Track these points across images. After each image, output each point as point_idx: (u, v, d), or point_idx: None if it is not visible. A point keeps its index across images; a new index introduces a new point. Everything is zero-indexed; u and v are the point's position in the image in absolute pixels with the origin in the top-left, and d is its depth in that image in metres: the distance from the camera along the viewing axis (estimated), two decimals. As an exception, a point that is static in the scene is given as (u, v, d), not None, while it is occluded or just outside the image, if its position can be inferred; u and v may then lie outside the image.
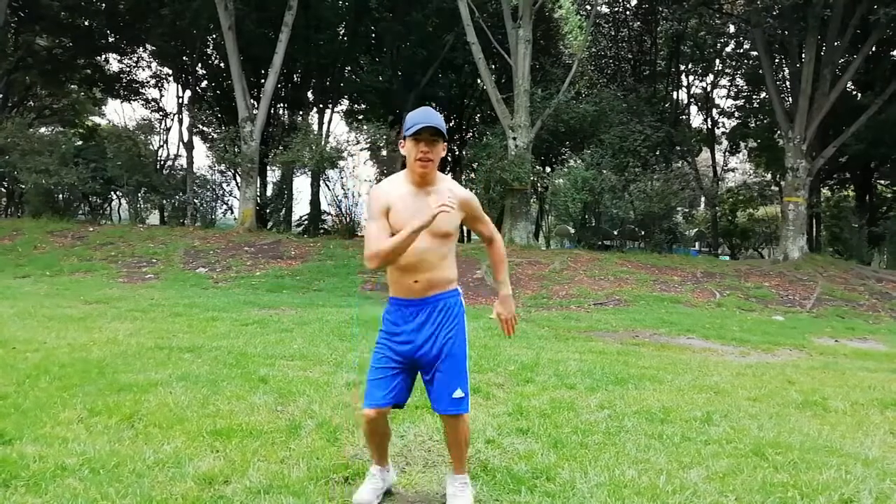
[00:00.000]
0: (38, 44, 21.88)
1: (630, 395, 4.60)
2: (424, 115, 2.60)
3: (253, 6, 18.91)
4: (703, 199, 24.65)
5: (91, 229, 15.35)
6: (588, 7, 19.05)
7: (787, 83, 18.97)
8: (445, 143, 2.69)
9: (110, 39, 22.32)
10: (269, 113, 19.04)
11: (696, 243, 24.45)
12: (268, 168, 21.45)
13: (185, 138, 21.41)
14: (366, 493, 2.72)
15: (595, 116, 18.00)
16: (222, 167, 19.74)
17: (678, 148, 22.87)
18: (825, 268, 14.67)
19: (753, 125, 24.32)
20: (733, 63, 24.00)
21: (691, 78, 25.67)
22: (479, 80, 20.35)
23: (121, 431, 3.38)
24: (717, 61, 24.23)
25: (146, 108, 24.42)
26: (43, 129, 22.42)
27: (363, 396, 2.71)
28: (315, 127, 21.61)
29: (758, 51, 17.28)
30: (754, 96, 23.81)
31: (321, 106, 23.48)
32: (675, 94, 25.27)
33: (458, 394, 2.66)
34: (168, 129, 23.95)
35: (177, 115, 22.75)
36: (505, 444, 3.42)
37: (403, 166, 2.74)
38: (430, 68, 20.16)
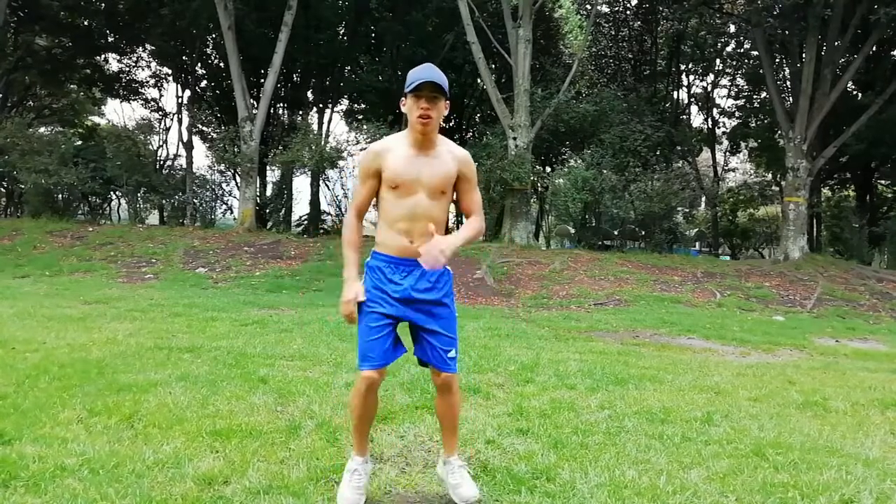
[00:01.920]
0: (37, 44, 21.87)
1: (630, 395, 4.59)
2: (426, 71, 2.55)
3: (253, 6, 18.91)
4: (703, 198, 24.64)
5: (90, 229, 15.35)
6: (588, 7, 19.05)
7: (788, 83, 18.97)
8: (447, 103, 2.63)
9: (110, 39, 22.31)
10: (268, 113, 19.04)
11: (697, 243, 24.43)
12: (267, 168, 21.45)
13: (185, 138, 21.43)
14: (349, 492, 2.63)
15: (595, 116, 18.00)
16: (222, 167, 19.76)
17: (679, 148, 22.86)
18: (826, 268, 14.67)
19: (754, 125, 24.31)
20: (734, 63, 24.00)
21: (692, 77, 25.69)
22: (479, 80, 20.36)
23: (120, 432, 3.38)
24: (718, 61, 24.24)
25: (146, 107, 24.45)
26: (42, 129, 22.40)
27: (359, 358, 2.63)
28: (315, 127, 21.61)
29: (758, 50, 17.28)
30: (755, 96, 23.81)
31: (321, 106, 23.48)
32: (675, 93, 25.27)
33: (452, 353, 2.68)
34: (167, 129, 23.99)
35: (176, 115, 22.77)
36: (505, 444, 3.41)
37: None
38: (430, 68, 20.14)
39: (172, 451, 3.09)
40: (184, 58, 21.77)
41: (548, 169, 22.32)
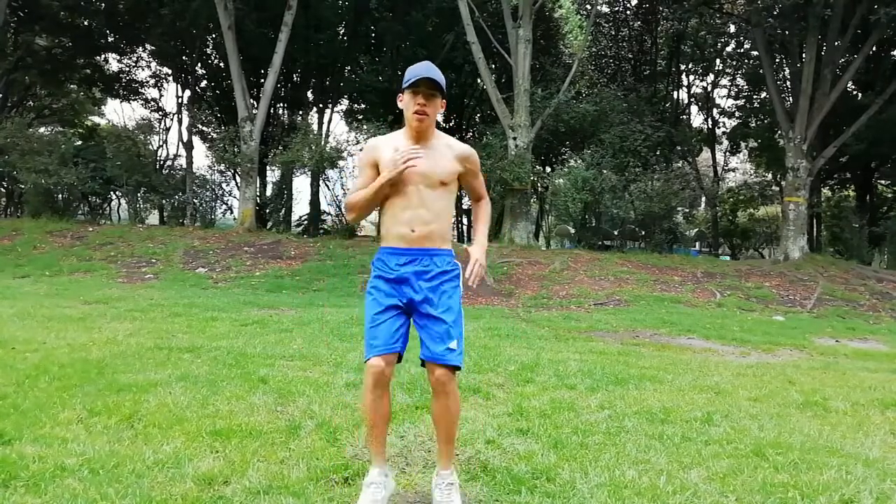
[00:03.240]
0: (37, 44, 21.86)
1: (630, 395, 4.59)
2: (423, 68, 2.56)
3: (253, 6, 18.91)
4: (703, 199, 24.65)
5: (90, 229, 15.35)
6: (588, 7, 19.04)
7: (788, 83, 18.97)
8: (444, 101, 2.65)
9: (110, 39, 22.32)
10: (268, 113, 19.04)
11: (697, 243, 24.43)
12: (267, 168, 21.45)
13: (185, 138, 21.43)
14: None
15: (595, 116, 18.00)
16: (222, 167, 19.76)
17: (679, 148, 22.87)
18: (826, 268, 14.67)
19: (754, 125, 24.32)
20: (734, 63, 24.01)
21: (692, 77, 25.69)
22: (479, 80, 20.35)
23: (120, 432, 3.37)
24: (718, 61, 24.24)
25: (146, 107, 24.47)
26: (42, 129, 22.42)
27: (366, 348, 2.55)
28: (315, 127, 21.61)
29: (758, 50, 17.28)
30: (755, 96, 23.81)
31: (321, 106, 23.48)
32: (675, 93, 25.28)
33: (453, 345, 2.53)
34: (167, 129, 24.00)
35: (176, 115, 22.78)
36: (505, 444, 3.41)
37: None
38: (430, 68, 20.14)
39: (172, 451, 3.09)
40: (184, 58, 21.77)
41: (548, 169, 22.32)
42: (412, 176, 2.58)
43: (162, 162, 22.47)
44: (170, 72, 22.99)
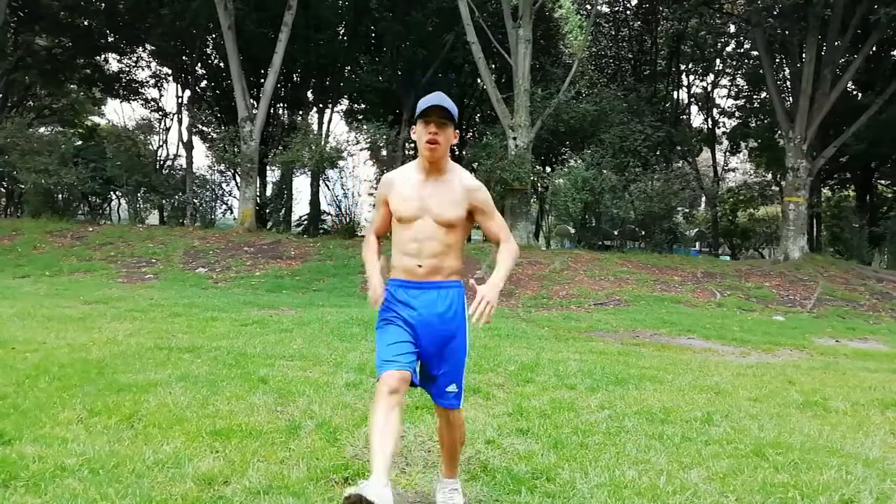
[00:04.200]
0: (37, 44, 21.86)
1: (630, 395, 4.59)
2: (435, 98, 2.57)
3: (253, 6, 18.90)
4: (703, 199, 24.64)
5: (90, 229, 15.35)
6: (588, 7, 19.04)
7: (788, 83, 18.97)
8: (457, 132, 2.65)
9: (110, 39, 22.30)
10: (268, 113, 19.04)
11: (697, 243, 24.42)
12: (267, 168, 21.43)
13: (185, 138, 21.41)
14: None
15: (595, 116, 17.99)
16: (222, 167, 19.75)
17: (679, 148, 22.86)
18: (826, 268, 14.66)
19: (754, 125, 24.31)
20: (734, 63, 24.00)
21: (692, 78, 25.68)
22: (479, 80, 20.35)
23: (120, 432, 3.37)
24: (718, 61, 24.23)
25: (146, 107, 24.43)
26: (42, 129, 22.41)
27: (378, 367, 2.50)
28: (315, 127, 21.60)
29: (758, 50, 17.28)
30: (755, 96, 23.80)
31: (321, 106, 23.47)
32: (675, 93, 25.27)
33: (452, 388, 2.61)
34: (167, 129, 23.94)
35: (176, 115, 22.76)
36: (505, 444, 3.41)
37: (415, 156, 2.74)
38: (430, 68, 20.15)
39: (172, 451, 3.09)
40: (184, 58, 21.76)
41: (548, 169, 22.31)
42: (419, 211, 2.58)
43: (162, 162, 22.46)
44: (170, 72, 22.97)
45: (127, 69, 23.73)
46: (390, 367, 2.44)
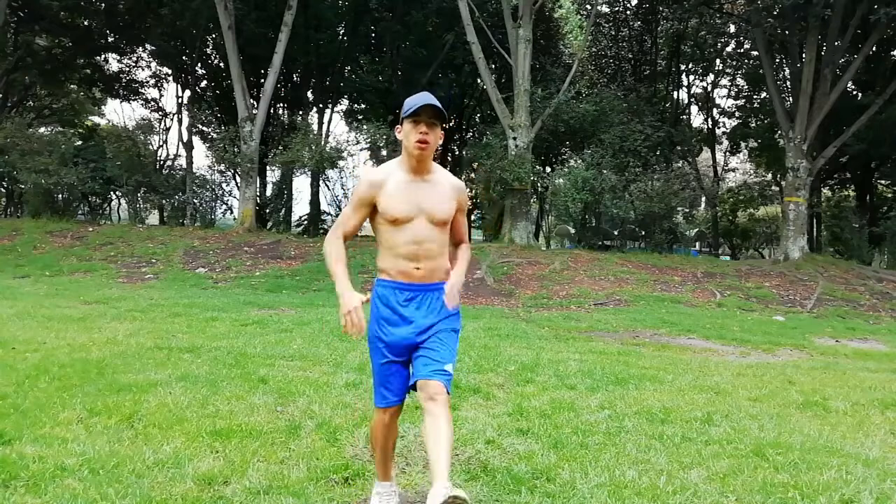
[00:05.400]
0: (37, 43, 21.87)
1: (630, 395, 4.59)
2: (424, 97, 2.55)
3: (253, 6, 18.91)
4: (703, 199, 24.64)
5: (90, 229, 15.34)
6: (588, 7, 19.03)
7: (788, 83, 18.96)
8: (443, 133, 2.63)
9: (110, 39, 22.31)
10: (268, 113, 19.04)
11: (697, 243, 24.43)
12: (267, 168, 21.44)
13: (185, 138, 21.42)
14: None
15: (595, 116, 17.99)
16: (222, 167, 19.76)
17: (679, 148, 22.85)
18: (826, 268, 14.66)
19: (754, 125, 24.32)
20: (734, 63, 24.00)
21: (692, 78, 25.69)
22: (479, 80, 20.34)
23: (120, 432, 3.37)
24: (718, 61, 24.24)
25: (146, 107, 24.46)
26: (42, 129, 22.41)
27: (373, 397, 2.63)
28: (315, 127, 21.61)
29: (758, 51, 17.28)
30: (755, 96, 23.81)
31: (321, 106, 23.48)
32: (675, 93, 25.28)
33: (449, 367, 2.51)
34: (167, 129, 23.97)
35: (176, 115, 22.77)
36: (505, 444, 3.41)
37: None
38: (430, 68, 20.16)
39: (172, 451, 3.09)
40: (184, 58, 21.77)
41: (548, 169, 22.30)
42: (414, 214, 2.56)
43: (162, 162, 22.47)
44: (170, 72, 22.99)
45: (127, 69, 23.75)
46: (387, 404, 2.61)
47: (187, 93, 22.36)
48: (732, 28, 21.40)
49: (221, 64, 21.48)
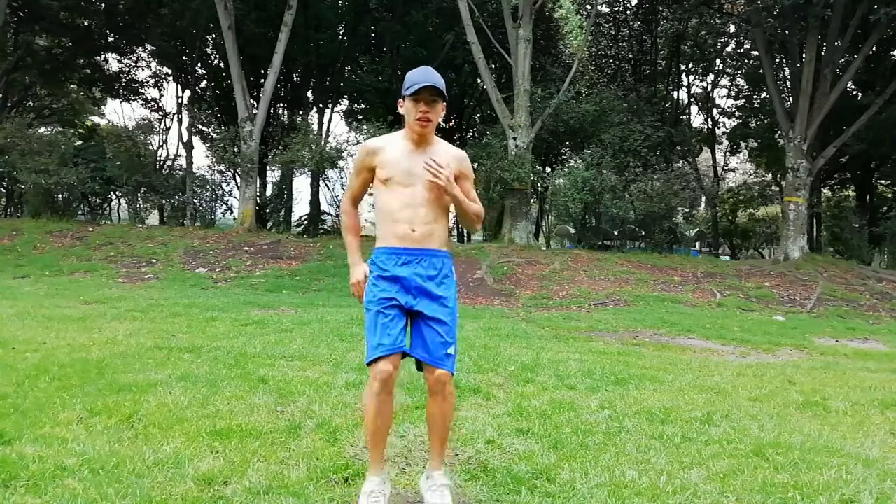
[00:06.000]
0: (37, 44, 21.87)
1: (630, 395, 4.59)
2: (424, 75, 2.56)
3: (253, 6, 18.92)
4: (703, 199, 24.64)
5: (90, 229, 15.35)
6: (588, 7, 19.03)
7: (788, 83, 18.97)
8: (445, 105, 2.65)
9: (110, 39, 22.33)
10: (268, 113, 19.05)
11: (697, 243, 24.43)
12: (267, 168, 21.46)
13: (185, 138, 21.42)
14: None
15: (595, 116, 18.00)
16: (222, 167, 19.76)
17: (679, 148, 22.86)
18: (826, 268, 14.67)
19: (754, 125, 24.32)
20: (734, 63, 24.01)
21: (692, 78, 25.70)
22: (479, 80, 20.36)
23: (120, 432, 3.37)
24: (718, 61, 24.25)
25: (146, 107, 24.48)
26: (42, 129, 22.41)
27: (368, 352, 2.54)
28: (315, 127, 21.62)
29: (758, 51, 17.28)
30: (755, 96, 23.82)
31: (321, 106, 23.49)
32: (675, 93, 25.29)
33: (451, 350, 2.58)
34: (167, 129, 23.98)
35: (176, 115, 22.78)
36: (505, 444, 3.41)
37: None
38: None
39: (172, 451, 3.09)
40: (184, 58, 21.78)
41: (548, 169, 22.32)
42: (411, 177, 2.59)
43: (162, 162, 22.47)
44: (170, 72, 23.00)
45: (127, 69, 23.77)
46: (381, 353, 2.50)
47: (187, 93, 22.39)
48: (732, 28, 21.41)
49: (221, 64, 21.49)
